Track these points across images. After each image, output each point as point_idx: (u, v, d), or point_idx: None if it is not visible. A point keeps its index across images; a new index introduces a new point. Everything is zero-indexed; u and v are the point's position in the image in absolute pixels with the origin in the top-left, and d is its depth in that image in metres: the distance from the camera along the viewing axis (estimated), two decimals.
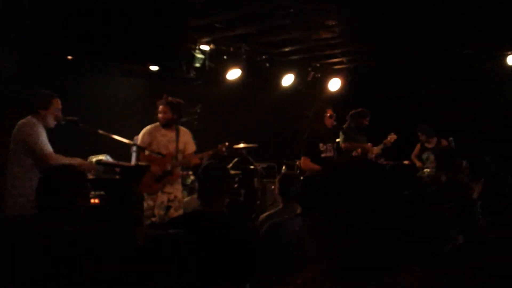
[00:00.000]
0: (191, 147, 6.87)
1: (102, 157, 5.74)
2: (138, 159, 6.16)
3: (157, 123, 6.72)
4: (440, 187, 5.42)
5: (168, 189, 6.57)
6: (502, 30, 7.77)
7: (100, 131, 5.66)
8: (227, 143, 7.06)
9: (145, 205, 6.37)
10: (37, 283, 2.74)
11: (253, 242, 3.88)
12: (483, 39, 8.33)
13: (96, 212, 5.67)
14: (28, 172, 5.17)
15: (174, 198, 6.60)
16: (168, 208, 6.50)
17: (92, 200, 5.52)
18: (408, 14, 7.18)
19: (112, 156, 5.98)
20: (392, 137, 8.63)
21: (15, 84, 6.42)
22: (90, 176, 5.67)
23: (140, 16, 6.88)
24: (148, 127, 6.71)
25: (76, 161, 5.38)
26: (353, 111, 8.55)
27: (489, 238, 3.33)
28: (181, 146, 6.72)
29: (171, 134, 6.69)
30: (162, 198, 6.50)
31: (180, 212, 6.62)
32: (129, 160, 6.51)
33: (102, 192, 5.58)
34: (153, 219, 6.37)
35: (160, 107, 6.65)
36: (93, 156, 5.88)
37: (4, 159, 5.34)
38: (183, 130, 6.85)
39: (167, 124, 6.66)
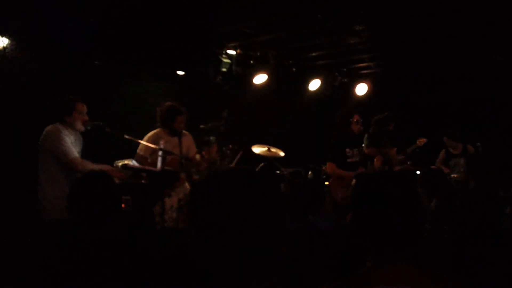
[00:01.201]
0: (193, 150, 6.89)
1: (128, 161, 5.77)
2: (164, 164, 6.15)
3: (158, 129, 6.64)
4: (468, 194, 5.36)
5: (174, 193, 6.55)
6: None
7: (126, 136, 5.70)
8: (230, 146, 7.05)
9: (154, 211, 6.37)
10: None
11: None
12: None
13: (122, 217, 5.71)
14: (54, 179, 5.24)
15: (184, 196, 6.59)
16: (181, 208, 6.49)
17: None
18: (437, 19, 7.11)
19: None
20: (421, 141, 8.54)
21: (44, 89, 6.50)
22: (116, 181, 5.71)
23: (167, 21, 6.92)
24: (150, 133, 6.62)
25: (104, 167, 5.43)
26: (377, 116, 8.50)
27: None
28: (184, 150, 6.69)
29: (174, 140, 6.63)
30: (171, 202, 6.47)
31: None
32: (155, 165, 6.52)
33: (128, 197, 5.63)
34: (166, 224, 6.31)
35: (181, 118, 6.59)
36: (119, 161, 5.92)
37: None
38: (185, 133, 6.81)
39: (175, 132, 6.67)
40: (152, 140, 6.49)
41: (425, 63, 9.72)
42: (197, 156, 6.94)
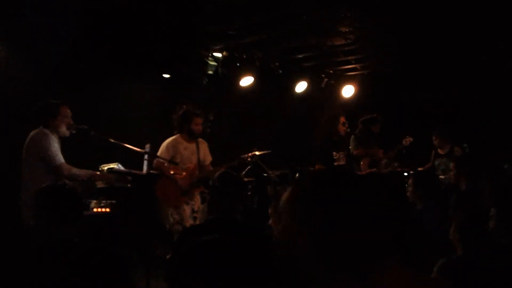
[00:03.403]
0: (209, 157, 6.87)
1: (113, 165, 5.71)
2: (150, 167, 6.10)
3: (177, 135, 6.64)
4: (460, 195, 5.35)
5: (191, 200, 6.56)
6: None
7: (111, 140, 5.64)
8: (250, 154, 7.05)
9: (171, 219, 6.36)
10: None
11: (268, 249, 3.83)
12: (499, 44, 8.19)
13: (106, 220, 5.66)
14: (40, 183, 5.13)
15: (198, 208, 6.60)
16: (194, 219, 6.49)
17: (103, 209, 5.54)
18: (422, 20, 7.10)
19: (123, 165, 5.95)
20: (407, 140, 8.51)
21: (28, 93, 6.41)
22: (101, 185, 5.66)
23: (153, 23, 6.87)
24: (169, 140, 6.61)
25: (88, 172, 5.37)
26: (363, 118, 8.51)
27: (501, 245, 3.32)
28: (201, 157, 6.69)
29: (192, 146, 6.64)
30: (189, 209, 6.49)
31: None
32: (141, 168, 6.46)
33: (113, 201, 5.57)
34: None
35: (199, 120, 6.61)
36: (104, 165, 5.85)
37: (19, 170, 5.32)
38: (201, 140, 6.81)
39: (194, 137, 6.62)
40: (171, 145, 6.53)
41: (411, 64, 9.73)
42: None
